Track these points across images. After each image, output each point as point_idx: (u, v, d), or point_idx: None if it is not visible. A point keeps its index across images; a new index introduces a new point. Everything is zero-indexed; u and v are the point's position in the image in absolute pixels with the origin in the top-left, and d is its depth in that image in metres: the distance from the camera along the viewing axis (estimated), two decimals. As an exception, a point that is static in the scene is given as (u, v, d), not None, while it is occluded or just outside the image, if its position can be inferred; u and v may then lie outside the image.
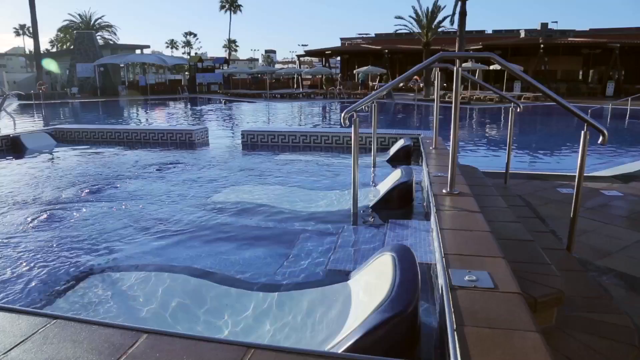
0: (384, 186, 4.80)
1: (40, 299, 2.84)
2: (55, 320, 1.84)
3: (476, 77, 29.31)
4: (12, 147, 8.94)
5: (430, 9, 32.11)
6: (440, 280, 2.17)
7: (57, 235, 3.98)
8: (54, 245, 3.73)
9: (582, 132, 3.16)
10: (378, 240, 3.56)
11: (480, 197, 3.79)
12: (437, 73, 6.42)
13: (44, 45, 57.73)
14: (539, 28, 43.04)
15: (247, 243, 3.76)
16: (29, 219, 4.46)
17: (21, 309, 2.00)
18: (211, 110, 23.71)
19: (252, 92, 35.92)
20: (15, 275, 3.16)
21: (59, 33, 62.16)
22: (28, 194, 5.53)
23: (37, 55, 40.47)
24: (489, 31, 49.67)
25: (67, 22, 56.64)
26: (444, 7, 32.39)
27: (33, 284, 3.03)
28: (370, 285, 2.36)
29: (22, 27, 79.12)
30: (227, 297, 2.76)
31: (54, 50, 60.67)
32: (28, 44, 77.68)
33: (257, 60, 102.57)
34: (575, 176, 3.33)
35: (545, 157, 10.61)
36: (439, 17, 32.24)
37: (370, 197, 4.72)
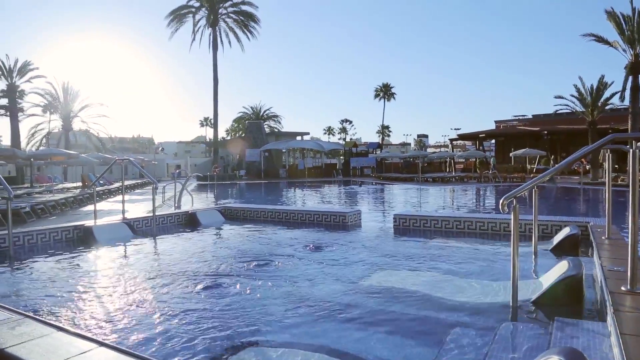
0: (547, 279, 4.37)
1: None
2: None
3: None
4: (190, 222, 10.16)
5: (595, 86, 29.91)
6: (624, 397, 1.86)
7: (217, 305, 4.33)
8: (215, 314, 4.05)
9: None
10: (542, 340, 3.19)
11: (671, 299, 3.24)
12: (608, 155, 5.87)
13: (221, 134, 65.96)
14: None
15: (395, 331, 3.66)
16: (196, 287, 4.94)
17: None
18: (364, 193, 24.39)
19: (404, 176, 36.27)
20: (179, 337, 3.48)
21: (233, 123, 70.83)
22: (198, 264, 6.17)
23: (215, 143, 46.30)
24: (671, 105, 44.23)
25: (241, 114, 64.50)
26: (612, 83, 29.81)
27: (194, 348, 3.30)
28: (535, 393, 2.11)
29: (206, 119, 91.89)
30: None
31: (229, 137, 68.93)
32: (208, 133, 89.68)
33: (409, 144, 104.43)
34: None
35: None
36: (606, 94, 29.78)
37: (531, 290, 4.32)
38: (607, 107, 30.89)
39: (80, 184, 26.05)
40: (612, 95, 29.41)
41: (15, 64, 35.07)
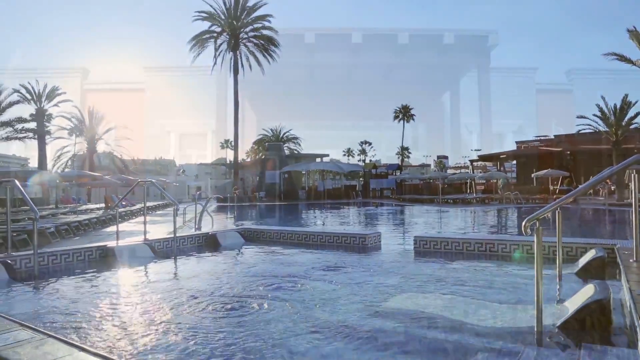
0: (573, 303, 4.26)
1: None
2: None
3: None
4: (210, 243, 10.19)
5: (618, 106, 29.47)
6: None
7: (238, 327, 4.30)
8: (235, 336, 4.02)
9: None
10: (569, 366, 3.11)
11: None
12: (634, 175, 5.73)
13: (241, 155, 66.70)
14: None
15: (417, 355, 3.60)
16: (217, 309, 4.92)
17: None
18: (383, 214, 24.26)
19: (424, 198, 36.01)
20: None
21: (254, 145, 71.56)
22: (219, 285, 6.17)
23: (235, 165, 46.77)
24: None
25: (261, 136, 65.23)
26: (636, 102, 29.35)
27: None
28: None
29: (226, 141, 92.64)
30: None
31: (249, 159, 69.59)
32: (229, 155, 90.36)
33: (429, 165, 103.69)
34: None
35: None
36: (630, 113, 29.32)
37: (556, 314, 4.21)
38: (631, 127, 30.39)
39: (103, 205, 26.48)
40: (637, 114, 29.00)
41: (44, 89, 36.24)
